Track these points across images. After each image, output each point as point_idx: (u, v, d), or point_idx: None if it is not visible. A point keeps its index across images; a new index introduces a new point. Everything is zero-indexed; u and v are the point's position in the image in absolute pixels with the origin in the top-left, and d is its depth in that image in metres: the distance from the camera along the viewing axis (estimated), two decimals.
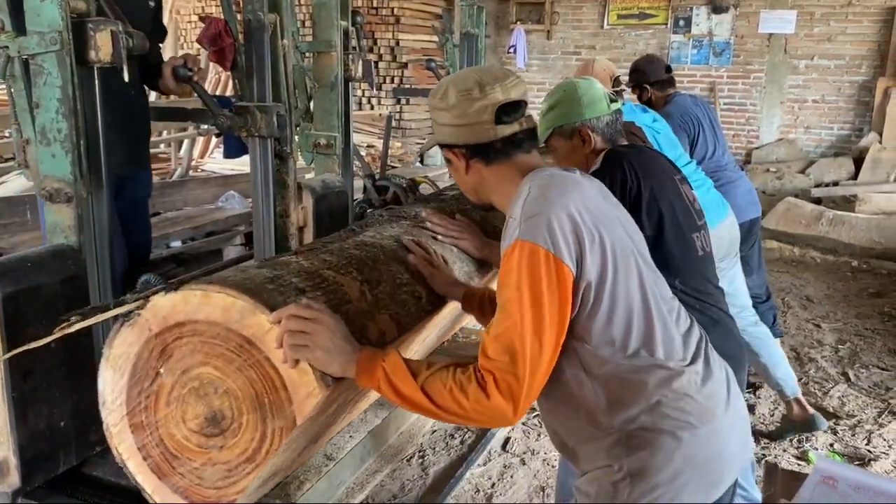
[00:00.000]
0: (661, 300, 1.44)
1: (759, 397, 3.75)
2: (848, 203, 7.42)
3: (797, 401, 3.35)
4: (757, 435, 3.42)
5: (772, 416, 3.60)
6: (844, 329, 4.80)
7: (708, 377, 1.43)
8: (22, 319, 1.67)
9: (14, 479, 1.75)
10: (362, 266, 1.64)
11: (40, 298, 1.70)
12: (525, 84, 1.57)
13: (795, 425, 3.36)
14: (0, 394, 1.70)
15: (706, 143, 3.67)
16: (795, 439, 3.35)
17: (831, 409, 3.64)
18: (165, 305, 1.39)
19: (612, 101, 2.08)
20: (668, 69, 3.88)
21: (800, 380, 3.95)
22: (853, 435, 3.42)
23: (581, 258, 1.33)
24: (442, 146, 1.57)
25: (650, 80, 3.79)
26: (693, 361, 1.43)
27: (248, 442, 1.43)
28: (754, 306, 3.38)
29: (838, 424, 3.51)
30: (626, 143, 2.12)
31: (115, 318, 1.43)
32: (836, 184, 8.12)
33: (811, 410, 3.37)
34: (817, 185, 8.18)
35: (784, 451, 3.29)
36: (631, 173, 1.90)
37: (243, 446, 1.44)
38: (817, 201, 7.60)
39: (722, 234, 3.05)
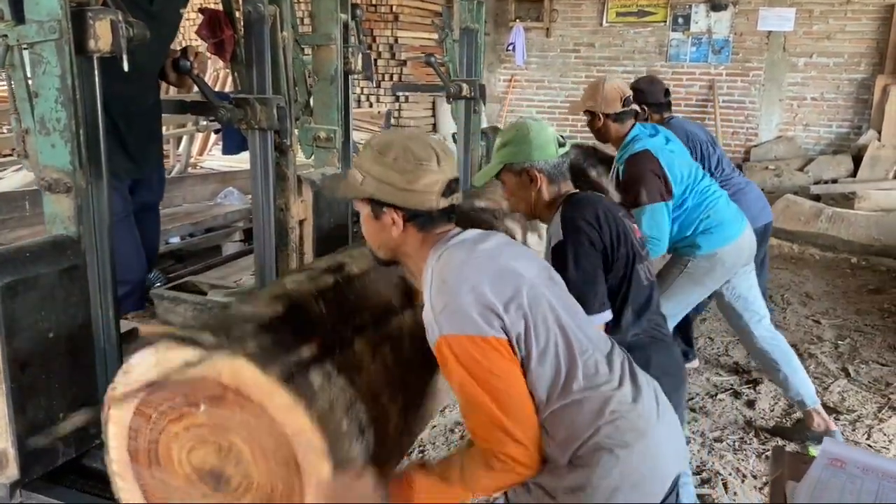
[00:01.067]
0: (579, 332, 1.52)
1: (759, 392, 3.75)
2: (847, 200, 7.42)
3: (817, 412, 3.27)
4: (758, 430, 3.42)
5: (772, 411, 3.60)
6: (844, 325, 4.80)
7: (637, 396, 1.52)
8: (20, 310, 1.66)
9: (13, 471, 1.73)
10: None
11: (39, 288, 1.69)
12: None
13: (814, 435, 3.25)
14: None
15: (710, 157, 3.70)
16: (790, 424, 3.35)
17: (831, 405, 3.64)
18: (250, 378, 1.39)
19: (560, 144, 2.23)
20: (667, 93, 3.91)
21: None
22: (853, 430, 3.42)
23: (501, 319, 1.42)
24: (375, 201, 1.59)
25: (648, 100, 3.79)
26: (621, 384, 1.51)
27: None
28: None
29: (839, 420, 3.50)
30: (570, 187, 2.26)
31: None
32: (835, 181, 8.12)
33: (833, 426, 3.27)
34: (816, 183, 8.18)
35: (784, 445, 3.28)
36: (593, 233, 2.10)
37: None
38: (816, 199, 7.60)
39: (743, 245, 3.11)
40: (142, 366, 1.46)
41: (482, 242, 1.58)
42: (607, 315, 2.09)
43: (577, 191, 2.26)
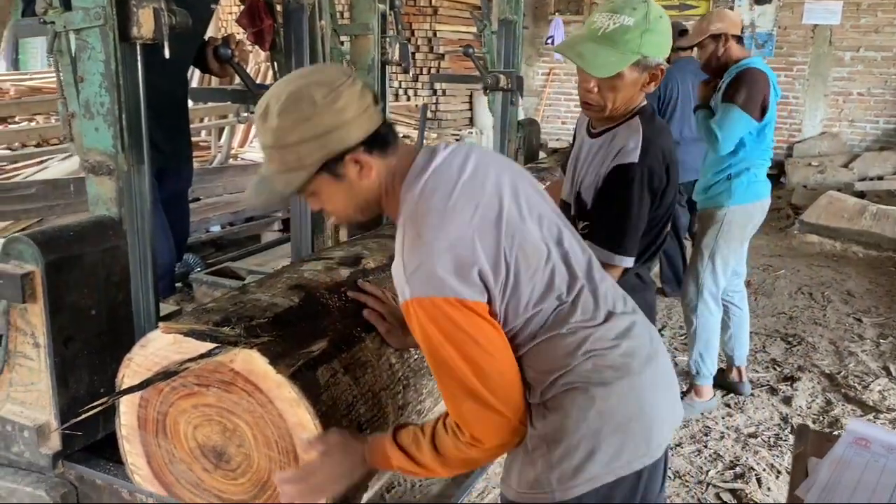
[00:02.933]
0: (573, 263, 1.37)
1: (796, 389, 3.70)
2: (893, 197, 7.25)
3: (738, 369, 3.64)
4: (794, 426, 3.37)
5: (809, 408, 3.54)
6: (886, 324, 4.70)
7: (625, 334, 1.36)
8: (64, 287, 1.71)
9: (55, 443, 1.80)
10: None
11: (82, 267, 1.74)
12: None
13: (726, 384, 3.65)
14: (42, 360, 1.75)
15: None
16: (827, 423, 3.30)
17: (871, 403, 3.57)
18: (260, 369, 1.43)
19: None
20: (683, 32, 4.29)
21: (838, 373, 3.90)
22: (893, 428, 3.36)
23: (485, 278, 1.26)
24: (327, 167, 1.32)
25: None
26: (607, 319, 1.36)
27: (230, 492, 1.55)
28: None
29: (878, 418, 3.44)
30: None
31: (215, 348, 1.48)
32: (880, 178, 7.94)
33: (744, 379, 3.66)
34: (861, 180, 8.01)
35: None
36: (661, 170, 1.87)
37: (223, 489, 1.55)
38: (861, 195, 7.44)
39: (766, 206, 3.35)
40: (159, 341, 1.52)
41: (461, 169, 1.35)
42: (630, 261, 1.87)
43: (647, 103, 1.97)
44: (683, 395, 3.36)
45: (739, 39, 3.29)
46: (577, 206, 2.00)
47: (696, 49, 3.51)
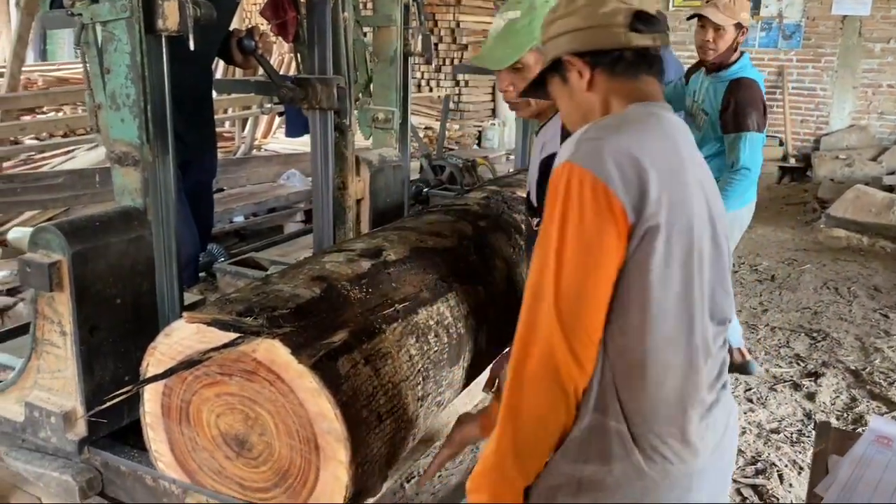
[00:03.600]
0: (704, 312, 1.20)
1: (819, 385, 3.66)
2: None
3: (739, 350, 3.66)
4: (817, 422, 3.35)
5: (832, 404, 3.51)
6: None
7: (710, 411, 1.22)
8: (90, 276, 1.74)
9: (81, 429, 1.83)
10: None
11: (107, 257, 1.77)
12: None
13: (734, 368, 3.63)
14: (68, 347, 1.77)
15: None
16: (851, 419, 3.27)
17: None
18: (282, 359, 1.45)
19: None
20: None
21: (864, 369, 3.85)
22: None
23: (641, 208, 1.10)
24: (552, 66, 1.33)
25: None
26: (710, 389, 1.23)
27: (251, 480, 1.57)
28: None
29: None
30: None
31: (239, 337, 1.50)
32: None
33: (748, 357, 3.71)
34: (890, 173, 7.88)
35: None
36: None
37: (245, 477, 1.58)
38: (889, 189, 7.32)
39: (753, 208, 3.28)
40: (183, 331, 1.55)
41: (691, 144, 1.28)
42: None
43: None
44: None
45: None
46: (528, 204, 2.02)
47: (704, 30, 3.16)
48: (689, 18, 3.31)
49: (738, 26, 3.10)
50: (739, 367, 3.67)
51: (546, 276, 1.12)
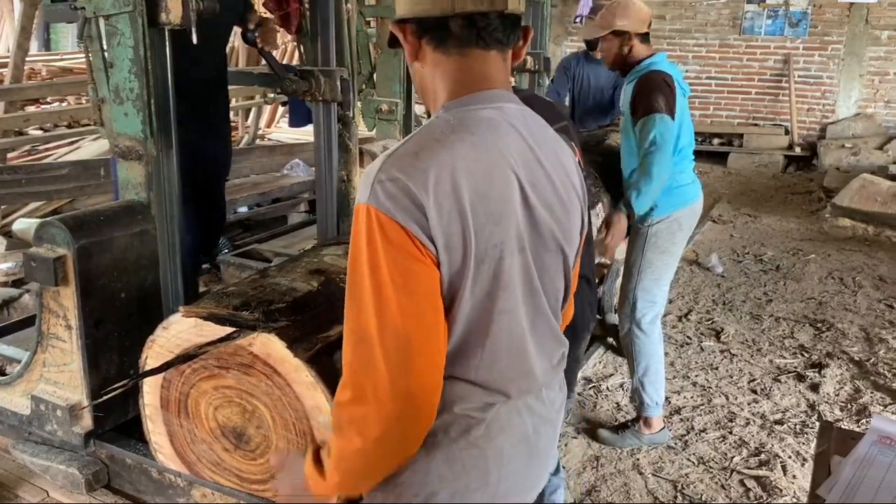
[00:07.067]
0: (523, 320, 1.15)
1: (823, 376, 3.66)
2: None
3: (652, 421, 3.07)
4: (821, 414, 3.35)
5: (836, 395, 3.51)
6: None
7: (532, 412, 1.20)
8: (95, 270, 1.75)
9: (87, 423, 1.84)
10: None
11: (112, 250, 1.78)
12: None
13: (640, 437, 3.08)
14: (74, 341, 1.79)
15: None
16: (855, 410, 3.27)
17: None
18: (278, 353, 1.46)
19: None
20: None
21: (868, 360, 3.85)
22: None
23: (445, 246, 1.04)
24: (393, 29, 1.19)
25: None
26: (526, 396, 1.20)
27: (249, 472, 1.59)
28: None
29: None
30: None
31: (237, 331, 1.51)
32: None
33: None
34: None
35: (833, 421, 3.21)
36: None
37: (243, 468, 1.59)
38: (895, 179, 7.29)
39: (697, 209, 3.04)
40: (180, 325, 1.56)
41: (514, 142, 1.13)
42: None
43: (515, 86, 1.84)
44: (632, 422, 3.06)
45: (645, 38, 2.94)
46: None
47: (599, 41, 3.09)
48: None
49: (617, 33, 2.94)
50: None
51: (367, 327, 1.04)
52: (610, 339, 3.87)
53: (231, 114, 7.91)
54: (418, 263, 1.03)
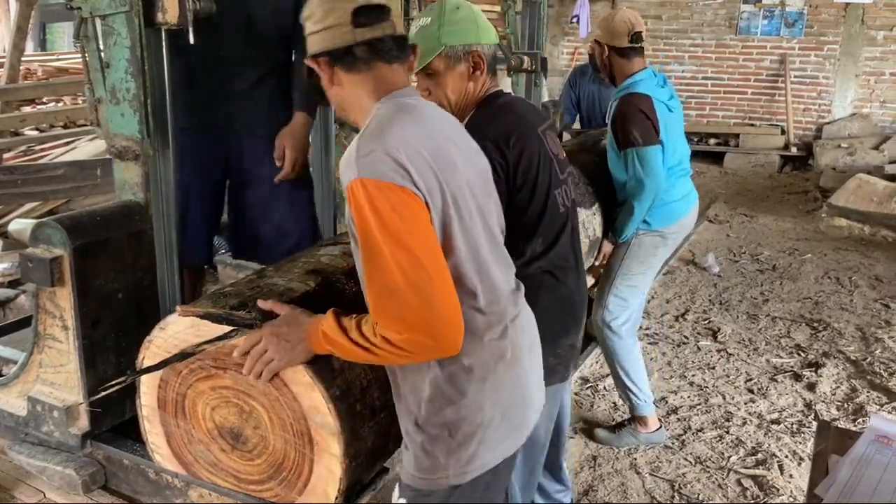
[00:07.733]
0: (488, 252, 1.43)
1: (820, 376, 3.67)
2: None
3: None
4: (817, 413, 3.36)
5: (833, 394, 3.52)
6: None
7: (522, 326, 1.50)
8: (91, 271, 1.74)
9: (84, 423, 1.84)
10: None
11: (108, 251, 1.77)
12: None
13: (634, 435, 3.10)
14: (71, 342, 1.78)
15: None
16: (851, 410, 3.28)
17: None
18: None
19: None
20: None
21: (864, 359, 3.86)
22: None
23: (428, 192, 1.29)
24: (310, 64, 1.46)
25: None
26: (513, 312, 1.48)
27: (246, 472, 1.58)
28: None
29: None
30: (496, 84, 1.95)
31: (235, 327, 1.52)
32: None
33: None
34: (892, 162, 7.87)
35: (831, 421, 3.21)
36: (495, 153, 1.76)
37: (240, 469, 1.59)
38: (891, 178, 7.30)
39: (686, 223, 3.03)
40: (177, 324, 1.56)
41: (437, 118, 1.46)
42: None
43: (500, 89, 1.94)
44: (628, 422, 3.08)
45: (623, 53, 2.88)
46: None
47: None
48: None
49: (598, 42, 2.94)
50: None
51: (398, 282, 1.24)
52: None
53: None
54: (416, 207, 1.27)
